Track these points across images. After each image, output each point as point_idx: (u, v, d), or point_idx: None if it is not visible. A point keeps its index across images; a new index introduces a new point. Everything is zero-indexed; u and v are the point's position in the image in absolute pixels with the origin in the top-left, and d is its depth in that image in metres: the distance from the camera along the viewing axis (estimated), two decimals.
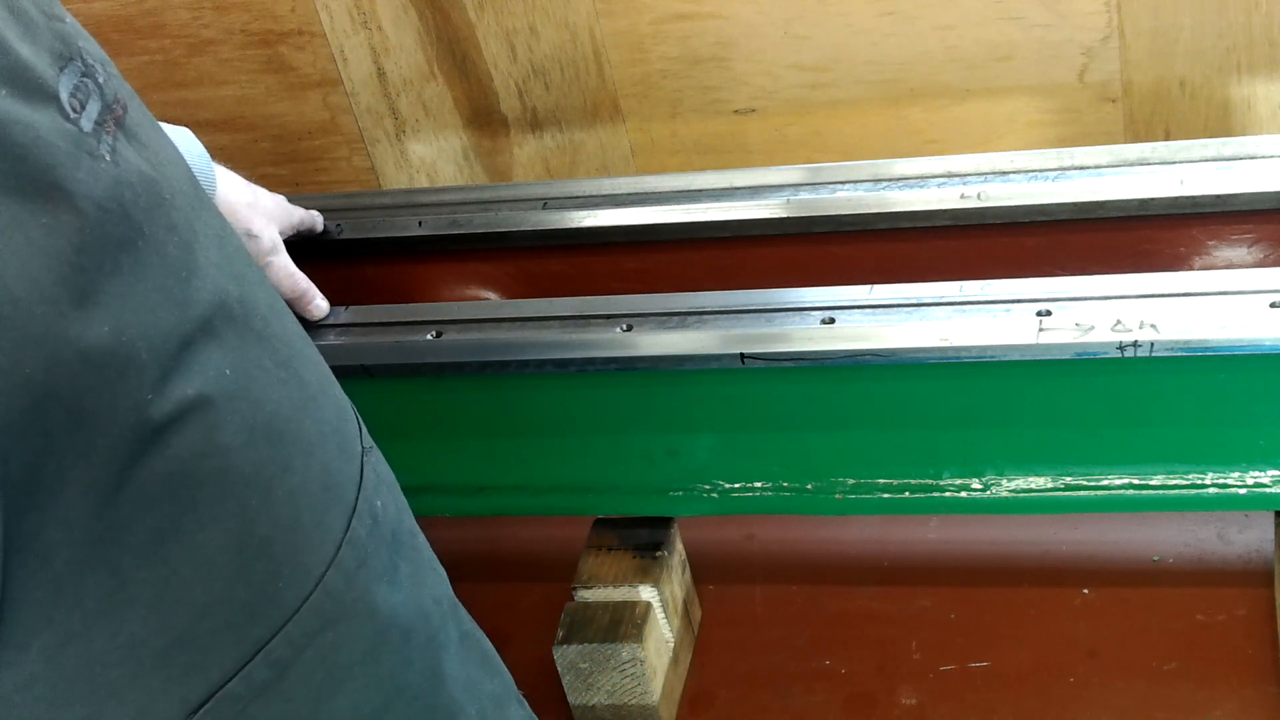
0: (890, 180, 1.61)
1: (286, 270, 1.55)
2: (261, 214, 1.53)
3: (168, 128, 1.28)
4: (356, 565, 0.97)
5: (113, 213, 0.78)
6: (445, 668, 1.09)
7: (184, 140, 1.39)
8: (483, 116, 2.05)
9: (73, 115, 0.77)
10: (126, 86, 0.89)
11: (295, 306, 1.54)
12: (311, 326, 1.58)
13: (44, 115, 0.76)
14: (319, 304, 1.58)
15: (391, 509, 1.06)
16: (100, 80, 0.82)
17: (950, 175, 1.59)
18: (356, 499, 0.99)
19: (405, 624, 1.03)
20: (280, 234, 1.56)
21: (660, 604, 1.55)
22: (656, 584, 1.55)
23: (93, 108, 0.80)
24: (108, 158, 0.79)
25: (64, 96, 0.77)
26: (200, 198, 0.91)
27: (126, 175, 0.80)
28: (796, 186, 1.63)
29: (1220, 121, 1.82)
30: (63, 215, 0.75)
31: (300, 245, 1.77)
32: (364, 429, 1.08)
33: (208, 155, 1.43)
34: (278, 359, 0.93)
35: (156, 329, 0.81)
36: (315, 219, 1.70)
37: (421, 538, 1.13)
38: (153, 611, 0.85)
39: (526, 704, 1.22)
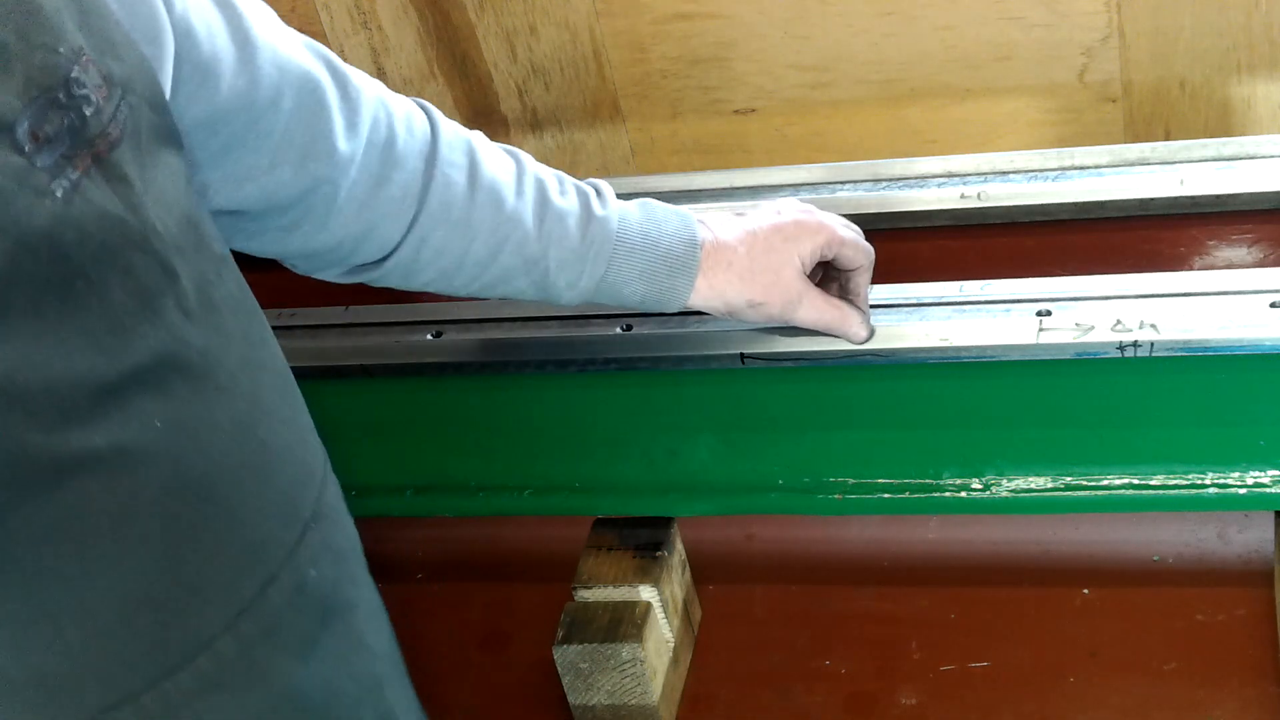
0: (890, 180, 1.61)
1: (819, 317, 1.36)
2: (772, 277, 1.31)
3: (658, 207, 1.29)
4: (260, 634, 0.94)
5: (39, 252, 0.75)
6: None
7: (665, 225, 1.28)
8: (483, 116, 2.05)
9: (26, 149, 0.74)
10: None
11: (833, 334, 1.38)
12: (313, 327, 1.59)
13: None
14: (855, 331, 1.38)
15: (329, 580, 1.02)
16: (88, 111, 0.78)
17: (950, 175, 1.59)
18: (281, 568, 0.95)
19: (304, 703, 0.99)
20: (802, 270, 1.34)
21: (660, 604, 1.55)
22: (656, 584, 1.55)
23: (61, 142, 0.76)
24: (58, 195, 0.76)
25: (21, 129, 0.74)
26: (201, 244, 0.89)
27: (76, 215, 0.77)
28: (797, 187, 1.63)
29: (1220, 121, 1.82)
30: None
31: None
32: (326, 495, 1.04)
33: (695, 247, 1.28)
34: (236, 419, 0.91)
35: (67, 374, 0.78)
36: (856, 245, 1.38)
37: (366, 610, 1.08)
38: (17, 646, 0.83)
39: None
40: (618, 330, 1.48)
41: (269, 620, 0.94)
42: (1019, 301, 1.39)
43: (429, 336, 1.53)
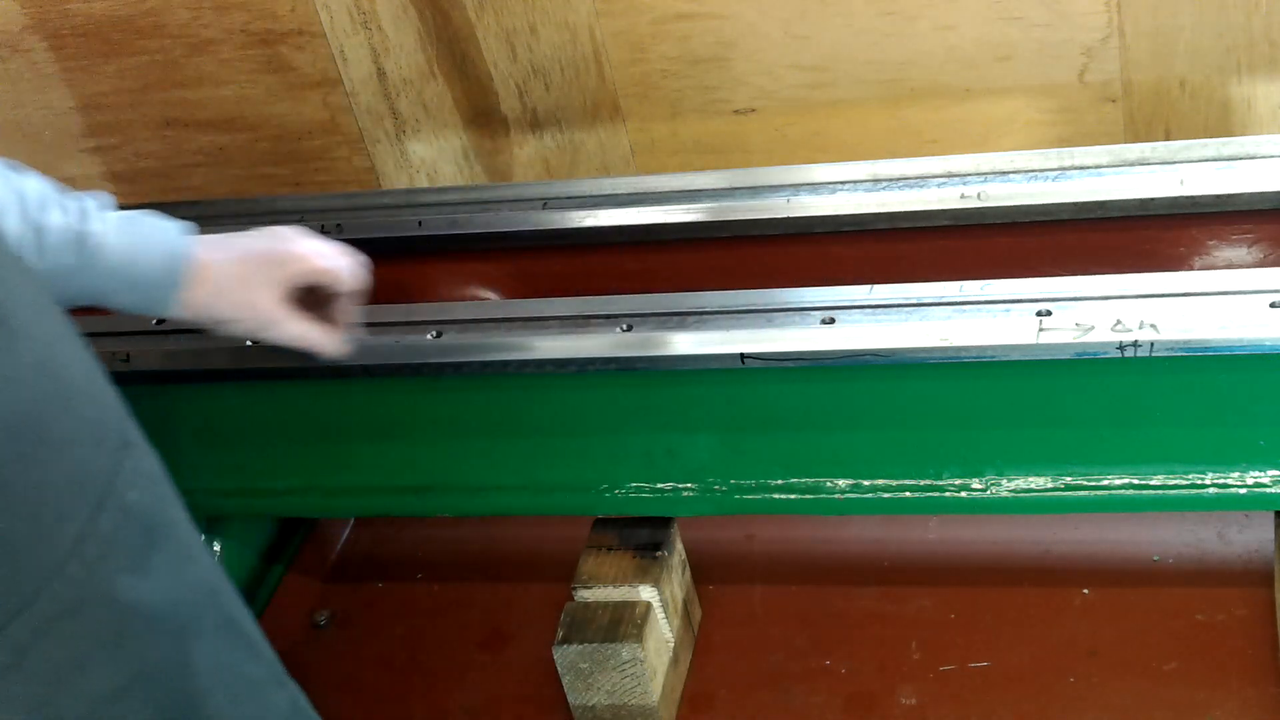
0: (890, 180, 1.61)
1: (291, 337, 1.48)
2: (237, 302, 1.44)
3: (149, 218, 1.37)
4: (99, 556, 1.04)
5: None
6: (194, 654, 1.14)
7: (156, 238, 1.39)
8: (483, 116, 2.05)
9: None
10: None
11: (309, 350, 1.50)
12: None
13: None
14: (328, 349, 1.50)
15: (149, 502, 1.11)
16: None
17: (950, 175, 1.59)
18: (105, 493, 1.05)
19: (150, 612, 1.09)
20: (283, 295, 1.46)
21: (660, 604, 1.55)
22: (656, 584, 1.55)
23: None
24: None
25: None
26: None
27: None
28: (796, 187, 1.63)
29: (1220, 121, 1.82)
30: None
31: None
32: (131, 425, 1.12)
33: (178, 259, 1.39)
34: (34, 358, 0.98)
35: None
36: (333, 273, 1.48)
37: (186, 528, 1.17)
38: None
39: (292, 686, 1.29)
40: (618, 330, 1.48)
41: (104, 543, 1.03)
42: (1019, 301, 1.39)
43: (429, 336, 1.53)
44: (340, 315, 1.50)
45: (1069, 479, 1.47)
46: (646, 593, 1.54)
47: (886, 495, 1.52)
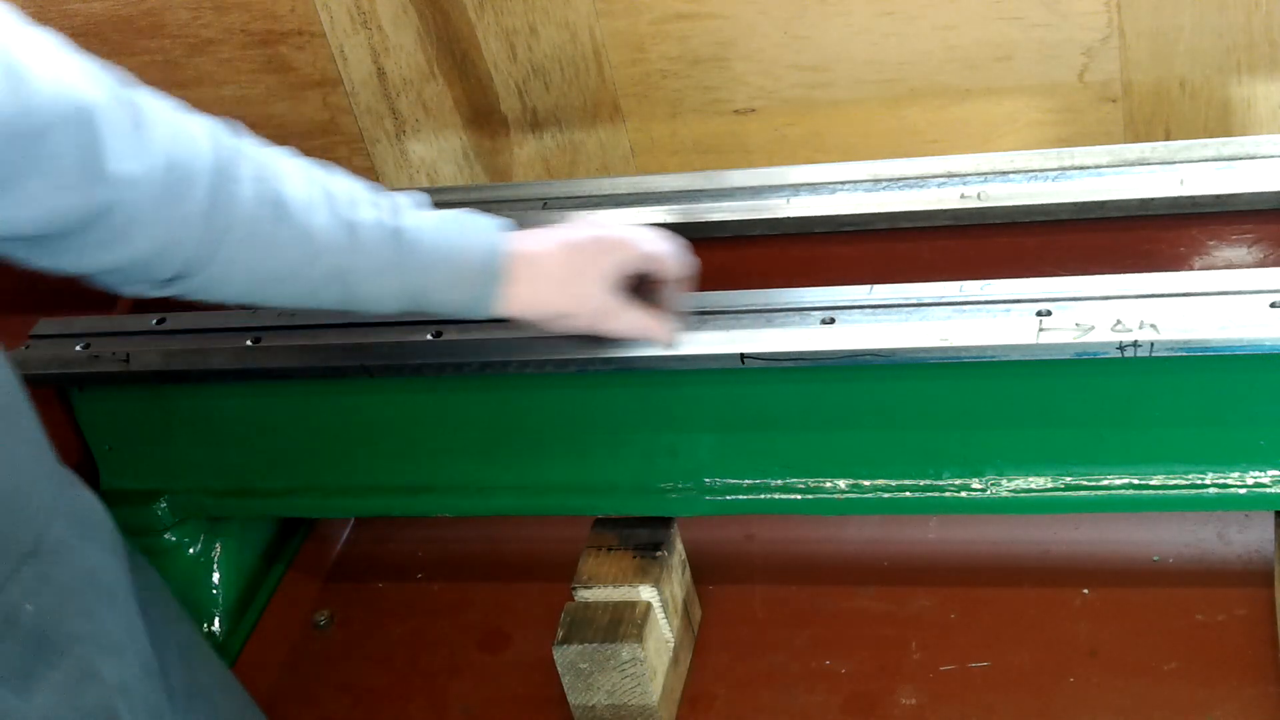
0: (890, 180, 1.61)
1: (628, 328, 1.42)
2: (576, 289, 1.37)
3: (465, 215, 1.32)
4: None
5: None
6: None
7: (472, 236, 1.33)
8: (483, 116, 2.05)
9: None
10: None
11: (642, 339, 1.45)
12: (313, 327, 1.59)
13: None
14: (662, 338, 1.44)
15: (49, 613, 1.05)
16: None
17: (950, 175, 1.59)
18: None
19: None
20: (614, 285, 1.39)
21: (660, 604, 1.55)
22: (656, 584, 1.55)
23: None
24: None
25: None
26: None
27: None
28: (796, 186, 1.63)
29: (1220, 121, 1.82)
30: None
31: None
32: (52, 530, 1.06)
33: (495, 255, 1.33)
34: None
35: None
36: (661, 259, 1.42)
37: (95, 645, 1.10)
38: None
39: None
40: None
41: None
42: (1019, 301, 1.39)
43: (429, 336, 1.53)
44: (668, 302, 1.43)
45: (1069, 479, 1.47)
46: (646, 593, 1.54)
47: (886, 495, 1.52)
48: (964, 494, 1.49)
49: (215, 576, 1.81)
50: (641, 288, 1.42)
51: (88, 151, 1.08)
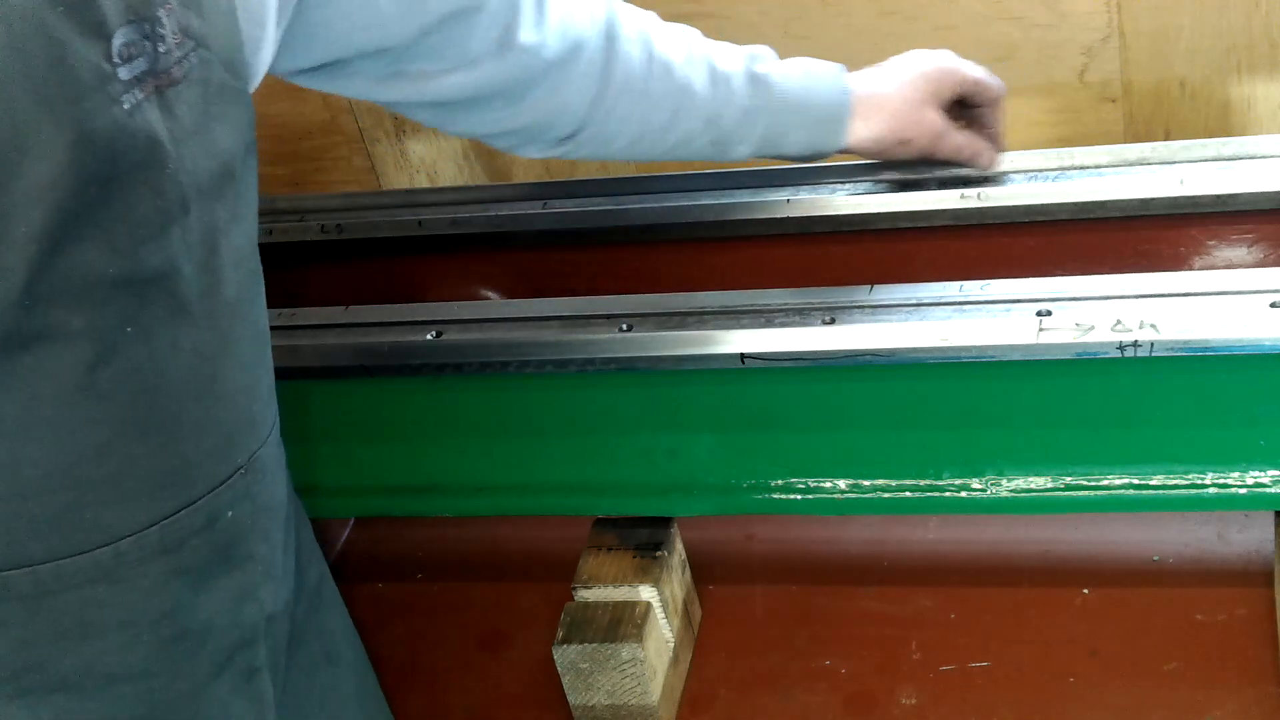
0: (890, 180, 1.61)
1: (956, 149, 1.54)
2: (908, 121, 1.50)
3: (811, 63, 1.47)
4: (162, 550, 1.04)
5: (96, 148, 0.87)
6: (212, 689, 1.12)
7: (818, 79, 1.46)
8: None
9: (115, 59, 0.87)
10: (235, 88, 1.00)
11: (967, 164, 1.56)
12: (313, 327, 1.59)
13: (86, 47, 0.85)
14: (987, 160, 1.56)
15: (242, 527, 1.11)
16: (161, 49, 0.91)
17: (950, 175, 1.59)
18: (204, 498, 1.06)
19: (184, 628, 1.08)
20: (940, 108, 1.52)
21: (660, 604, 1.55)
22: (656, 584, 1.55)
23: (139, 64, 0.89)
24: (125, 106, 0.88)
25: (116, 43, 0.87)
26: (225, 194, 1.00)
27: (133, 128, 0.89)
28: (796, 186, 1.63)
29: (1220, 121, 1.82)
30: (48, 131, 0.85)
31: (301, 247, 1.77)
32: (266, 451, 1.13)
33: (845, 93, 1.46)
34: (199, 350, 1.01)
35: (75, 260, 0.89)
36: (985, 82, 1.54)
37: (262, 570, 1.16)
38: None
39: None
40: (618, 330, 1.48)
41: (174, 541, 1.03)
42: (1019, 301, 1.39)
43: (429, 336, 1.53)
44: (989, 125, 1.55)
45: (1069, 479, 1.47)
46: (646, 593, 1.55)
47: (886, 495, 1.52)
48: (964, 494, 1.49)
49: None
50: (962, 111, 1.54)
51: (509, 21, 1.28)
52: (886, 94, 1.48)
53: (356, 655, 1.41)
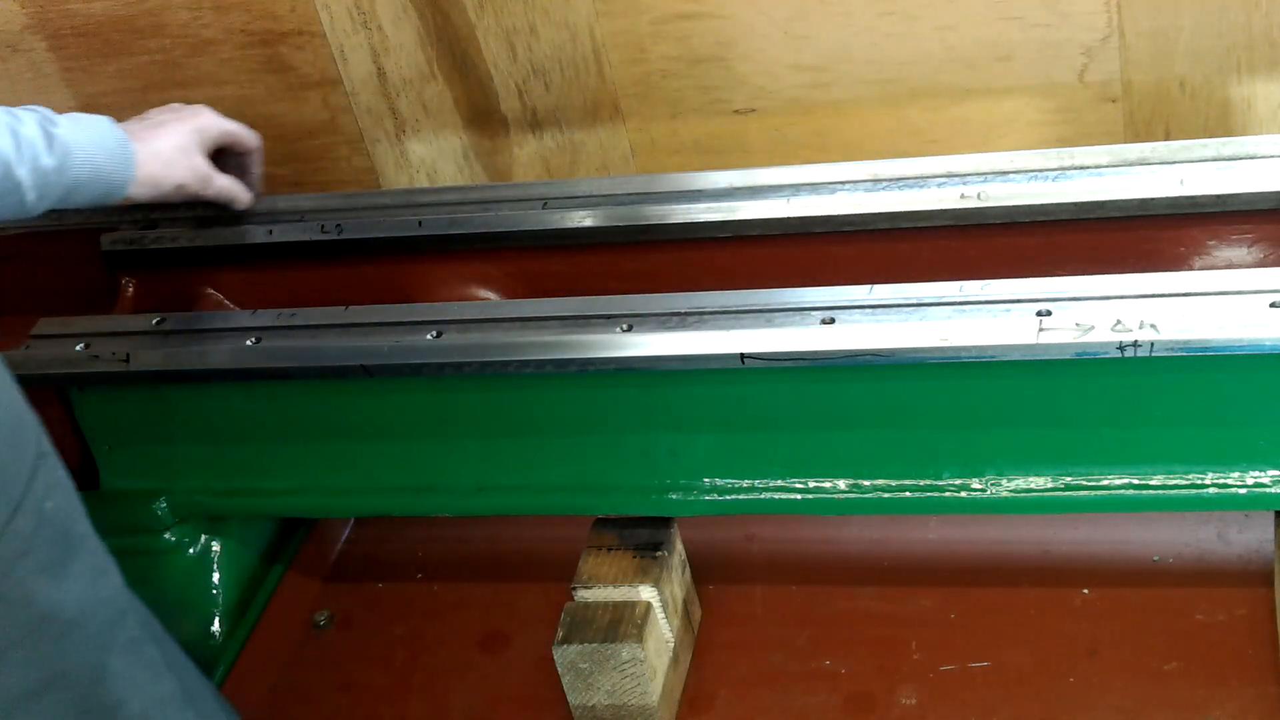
0: (890, 180, 1.61)
1: (216, 192, 1.69)
2: (182, 168, 1.63)
3: (87, 118, 1.51)
4: (16, 555, 1.12)
5: None
6: (110, 664, 1.23)
7: (100, 132, 1.51)
8: (483, 116, 2.05)
9: None
10: None
11: (228, 203, 1.74)
12: (313, 327, 1.59)
13: None
14: (243, 200, 1.74)
15: (64, 511, 1.20)
16: None
17: (950, 175, 1.59)
18: (23, 496, 1.14)
19: (68, 617, 1.18)
20: (205, 156, 1.67)
21: (660, 604, 1.55)
22: (656, 584, 1.55)
23: None
24: None
25: None
26: None
27: None
28: (796, 187, 1.63)
29: (1220, 121, 1.82)
30: None
31: (301, 247, 1.77)
32: (45, 438, 1.20)
33: (127, 145, 1.54)
34: None
35: None
36: (239, 133, 1.73)
37: (97, 544, 1.26)
38: None
39: (215, 702, 1.40)
40: (618, 330, 1.48)
41: (21, 544, 1.11)
42: (1019, 301, 1.39)
43: (429, 336, 1.53)
44: (249, 171, 1.75)
45: (1069, 479, 1.47)
46: (646, 593, 1.55)
47: (886, 495, 1.52)
48: (964, 494, 1.49)
49: (215, 576, 1.81)
50: (222, 159, 1.72)
51: None
52: (166, 144, 1.61)
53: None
